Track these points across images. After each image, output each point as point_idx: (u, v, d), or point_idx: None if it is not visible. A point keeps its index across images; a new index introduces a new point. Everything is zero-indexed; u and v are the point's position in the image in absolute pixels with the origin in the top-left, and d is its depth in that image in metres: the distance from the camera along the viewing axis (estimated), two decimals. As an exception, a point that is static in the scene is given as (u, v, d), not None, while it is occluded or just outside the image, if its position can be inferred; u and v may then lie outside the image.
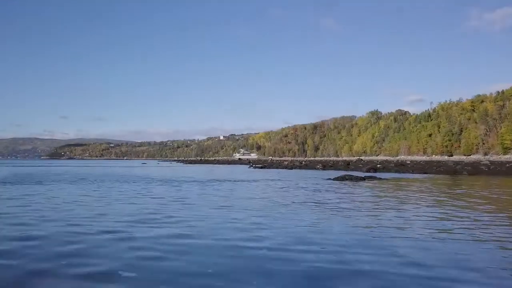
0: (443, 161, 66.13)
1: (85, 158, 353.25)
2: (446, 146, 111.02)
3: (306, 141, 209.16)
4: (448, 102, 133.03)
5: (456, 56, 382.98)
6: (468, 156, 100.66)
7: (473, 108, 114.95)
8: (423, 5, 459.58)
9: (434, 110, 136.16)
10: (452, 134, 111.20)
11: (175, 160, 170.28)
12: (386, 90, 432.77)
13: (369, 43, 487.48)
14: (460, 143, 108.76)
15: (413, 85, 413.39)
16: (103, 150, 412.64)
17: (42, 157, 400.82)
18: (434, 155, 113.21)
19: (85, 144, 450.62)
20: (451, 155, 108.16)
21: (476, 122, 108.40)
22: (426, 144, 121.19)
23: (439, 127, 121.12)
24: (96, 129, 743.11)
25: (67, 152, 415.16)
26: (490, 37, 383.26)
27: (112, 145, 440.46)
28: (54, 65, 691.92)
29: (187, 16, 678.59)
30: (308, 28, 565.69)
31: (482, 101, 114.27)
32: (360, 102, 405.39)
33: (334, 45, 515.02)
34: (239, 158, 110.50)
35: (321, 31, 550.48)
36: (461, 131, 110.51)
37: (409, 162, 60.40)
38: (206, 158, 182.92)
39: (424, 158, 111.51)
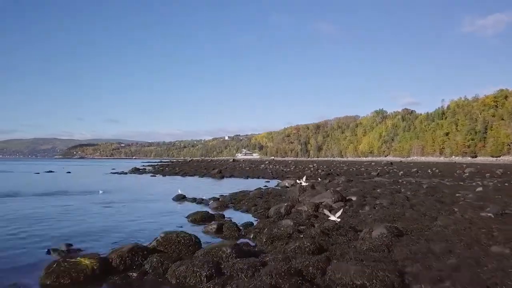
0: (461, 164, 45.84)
1: (95, 157, 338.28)
2: (469, 146, 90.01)
3: (309, 141, 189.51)
4: (463, 98, 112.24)
5: (452, 59, 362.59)
6: (497, 157, 79.78)
7: (496, 104, 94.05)
8: (418, 12, 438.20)
9: (448, 107, 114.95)
10: (476, 133, 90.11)
11: (141, 159, 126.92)
12: (384, 92, 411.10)
13: (367, 46, 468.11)
14: (485, 142, 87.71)
15: (409, 88, 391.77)
16: (113, 149, 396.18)
17: (55, 157, 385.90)
18: (454, 156, 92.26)
19: (97, 144, 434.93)
20: (475, 156, 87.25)
21: (503, 119, 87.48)
22: (443, 144, 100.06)
23: (457, 125, 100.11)
24: (111, 130, 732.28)
25: (79, 152, 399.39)
26: (484, 41, 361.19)
27: (123, 145, 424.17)
28: (74, 69, 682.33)
29: (194, 20, 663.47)
30: (308, 31, 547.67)
31: (507, 97, 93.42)
32: (359, 103, 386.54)
33: (334, 48, 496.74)
34: (233, 160, 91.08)
35: (321, 35, 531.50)
36: (486, 129, 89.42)
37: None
38: (203, 158, 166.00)
39: (442, 159, 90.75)
